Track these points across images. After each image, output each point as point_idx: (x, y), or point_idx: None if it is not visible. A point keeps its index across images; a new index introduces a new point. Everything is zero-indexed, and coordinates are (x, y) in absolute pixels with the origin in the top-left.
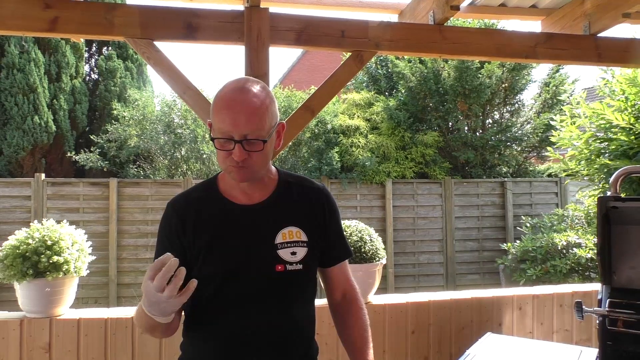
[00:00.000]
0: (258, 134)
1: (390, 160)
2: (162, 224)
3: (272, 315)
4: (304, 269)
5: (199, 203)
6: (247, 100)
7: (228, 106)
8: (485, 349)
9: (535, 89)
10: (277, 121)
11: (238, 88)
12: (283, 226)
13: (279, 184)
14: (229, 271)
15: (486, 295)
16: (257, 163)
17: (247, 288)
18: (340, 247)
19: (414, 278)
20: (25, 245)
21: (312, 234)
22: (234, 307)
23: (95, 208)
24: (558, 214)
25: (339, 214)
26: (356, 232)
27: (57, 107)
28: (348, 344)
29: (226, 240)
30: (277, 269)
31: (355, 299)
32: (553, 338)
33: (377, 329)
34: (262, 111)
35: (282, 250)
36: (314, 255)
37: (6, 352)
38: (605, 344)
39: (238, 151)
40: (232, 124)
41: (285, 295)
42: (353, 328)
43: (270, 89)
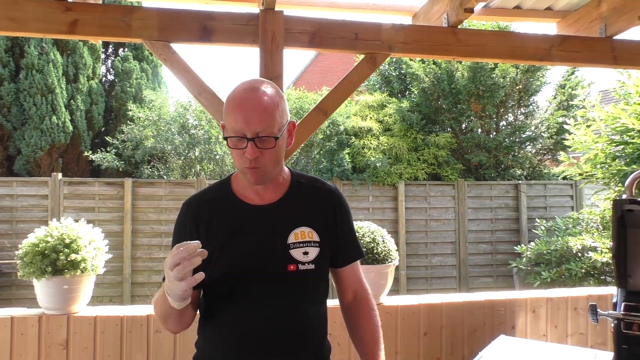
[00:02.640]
0: (270, 131)
1: (403, 161)
2: (177, 223)
3: (285, 314)
4: (315, 269)
5: (213, 203)
6: (259, 99)
7: (240, 105)
8: (498, 351)
9: (550, 91)
10: (288, 119)
11: (249, 88)
12: (295, 226)
13: (291, 185)
14: (242, 271)
15: (499, 298)
16: (270, 161)
17: (260, 287)
18: (351, 248)
19: (427, 280)
20: (45, 243)
21: (324, 235)
22: (247, 306)
23: (111, 207)
24: (573, 217)
25: (351, 215)
26: (369, 234)
27: (74, 107)
28: (359, 345)
29: (239, 240)
30: (289, 269)
31: (367, 300)
32: (567, 341)
33: (389, 330)
34: (273, 109)
35: (294, 250)
36: (325, 255)
37: (25, 348)
38: (621, 347)
39: (251, 149)
40: (244, 121)
41: (297, 294)
42: (364, 329)
43: (279, 88)
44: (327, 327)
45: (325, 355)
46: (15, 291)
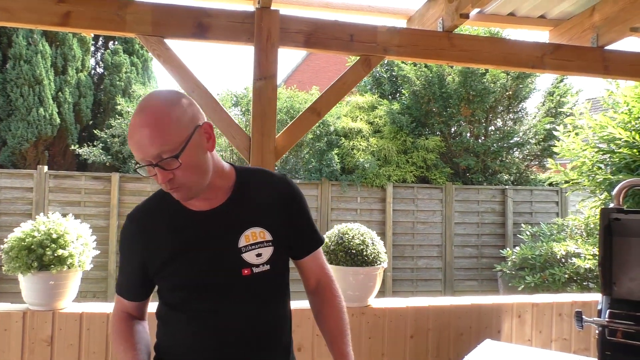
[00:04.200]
0: (171, 150)
1: (392, 163)
2: (122, 237)
3: (245, 319)
4: (271, 269)
5: (157, 214)
6: (146, 122)
7: (132, 133)
8: (484, 355)
9: (539, 98)
10: (195, 125)
11: (137, 111)
12: (245, 228)
13: (236, 184)
14: (194, 281)
15: (486, 302)
16: (187, 177)
17: (216, 295)
18: (310, 237)
19: (412, 282)
20: (31, 238)
21: (278, 231)
22: (204, 314)
23: (97, 202)
24: (558, 223)
25: (305, 202)
26: (358, 236)
27: (62, 99)
28: (325, 331)
29: (189, 249)
30: (243, 273)
31: (330, 287)
32: (551, 346)
33: (376, 332)
34: (164, 126)
35: (246, 254)
36: (281, 253)
37: (8, 344)
38: (604, 354)
39: (160, 175)
40: (139, 149)
41: (255, 298)
42: (328, 316)
43: (179, 95)
44: (291, 326)
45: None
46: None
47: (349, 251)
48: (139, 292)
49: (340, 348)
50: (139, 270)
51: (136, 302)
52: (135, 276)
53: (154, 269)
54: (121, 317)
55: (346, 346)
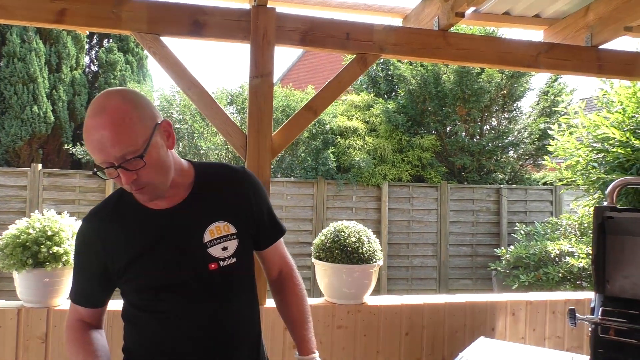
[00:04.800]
0: (133, 151)
1: (387, 162)
2: (77, 240)
3: (214, 314)
4: (238, 262)
5: (116, 215)
6: (107, 122)
7: (91, 135)
8: (478, 352)
9: (533, 97)
10: (154, 124)
11: (94, 112)
12: (209, 223)
13: (196, 180)
14: (161, 279)
15: (480, 300)
16: (151, 177)
17: (183, 292)
18: (271, 229)
19: (407, 281)
20: (26, 235)
21: (241, 223)
22: (173, 313)
23: (91, 200)
24: (552, 222)
25: (265, 193)
26: (354, 233)
27: (56, 97)
28: (286, 319)
29: (152, 249)
30: (210, 268)
31: (291, 276)
32: (545, 344)
33: (371, 329)
34: (124, 126)
35: (212, 248)
36: (246, 245)
37: (2, 341)
38: (597, 351)
39: (123, 176)
40: (101, 152)
41: (224, 292)
42: (290, 304)
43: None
44: (259, 315)
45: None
46: None
47: (345, 249)
48: (98, 298)
49: (301, 333)
50: (98, 274)
51: (94, 308)
52: (95, 281)
53: (117, 271)
54: (77, 326)
55: (308, 332)
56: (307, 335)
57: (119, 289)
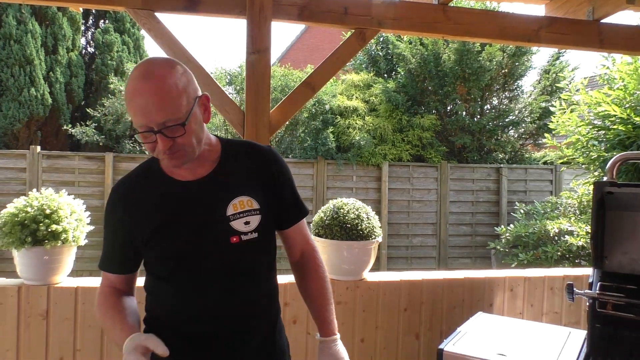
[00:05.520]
0: (175, 119)
1: (387, 142)
2: (107, 210)
3: (234, 287)
4: (259, 237)
5: (143, 186)
6: (155, 87)
7: (136, 98)
8: (476, 327)
9: (535, 76)
10: (196, 96)
11: (142, 76)
12: (233, 197)
13: (222, 155)
14: (183, 251)
15: (478, 276)
16: (187, 146)
17: (205, 264)
18: (295, 208)
19: (407, 260)
20: (24, 213)
21: (264, 200)
22: (193, 284)
23: (91, 182)
24: (552, 201)
25: (290, 174)
26: (353, 210)
27: (54, 79)
28: (308, 301)
29: (176, 220)
30: (232, 241)
31: (314, 257)
32: (542, 320)
33: (370, 305)
34: (172, 94)
35: (235, 222)
36: (268, 221)
37: (4, 318)
38: (594, 326)
39: (161, 141)
40: (144, 115)
41: (244, 265)
42: (312, 285)
43: (182, 65)
44: (278, 293)
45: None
46: None
47: (344, 225)
48: (126, 264)
49: (323, 315)
50: (126, 242)
51: (123, 274)
52: (123, 248)
53: (142, 239)
54: (107, 291)
55: (329, 313)
56: (328, 317)
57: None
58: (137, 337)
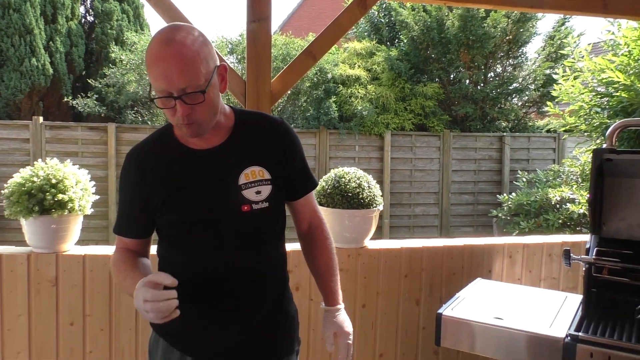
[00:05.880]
0: (195, 85)
1: (390, 111)
2: (122, 175)
3: (243, 254)
4: (270, 207)
5: (157, 152)
6: (177, 53)
7: (158, 62)
8: (475, 292)
9: (539, 42)
10: (215, 65)
11: (164, 41)
12: (245, 167)
13: (235, 125)
14: (195, 217)
15: (478, 243)
16: (204, 114)
17: (216, 231)
18: (304, 180)
19: (409, 229)
20: (31, 183)
21: (275, 171)
22: (204, 250)
23: (94, 152)
24: (554, 169)
25: (301, 146)
26: (355, 179)
27: (54, 49)
28: (314, 270)
29: (189, 187)
30: (243, 209)
31: (321, 229)
32: (540, 285)
33: (371, 272)
34: (194, 61)
35: (246, 191)
36: (278, 192)
37: (15, 284)
38: (590, 290)
39: (180, 107)
40: (166, 80)
41: (254, 234)
42: (319, 256)
43: (203, 34)
44: (286, 262)
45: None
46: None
47: (346, 194)
48: (140, 229)
49: (329, 285)
50: (141, 206)
51: (138, 239)
52: (137, 212)
53: (156, 204)
54: (121, 251)
55: (335, 284)
56: (333, 288)
57: None
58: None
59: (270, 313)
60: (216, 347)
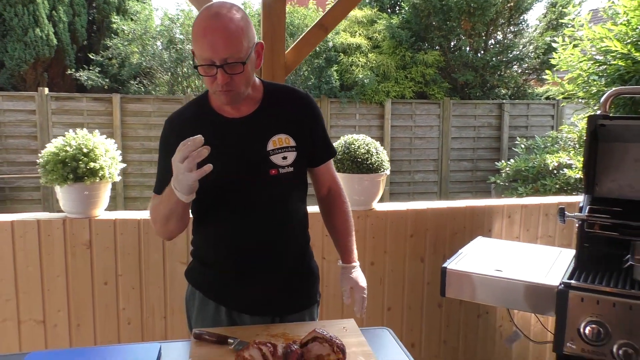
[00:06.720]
0: (237, 57)
1: (390, 79)
2: (161, 140)
3: (271, 212)
4: (294, 171)
5: (194, 119)
6: (223, 26)
7: (205, 33)
8: (476, 249)
9: (541, 9)
10: (254, 42)
11: (214, 14)
12: (273, 134)
13: (264, 96)
14: (227, 179)
15: (479, 205)
16: (241, 84)
17: (246, 193)
18: (324, 149)
19: (409, 196)
20: (64, 152)
21: (299, 139)
22: (235, 209)
23: (99, 123)
24: (552, 136)
25: (323, 119)
26: (364, 145)
27: (57, 19)
28: (332, 231)
29: (222, 151)
30: (271, 173)
31: (339, 194)
32: (537, 242)
33: (379, 232)
34: (238, 34)
35: (274, 156)
36: (302, 158)
37: (52, 247)
38: (583, 245)
39: (220, 76)
40: (211, 50)
41: (280, 196)
42: (337, 218)
43: (244, 11)
44: (308, 223)
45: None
46: (10, 206)
47: (355, 160)
48: None
49: (346, 246)
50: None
51: None
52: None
53: None
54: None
55: (351, 243)
56: (350, 247)
57: None
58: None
59: (294, 269)
60: (246, 299)
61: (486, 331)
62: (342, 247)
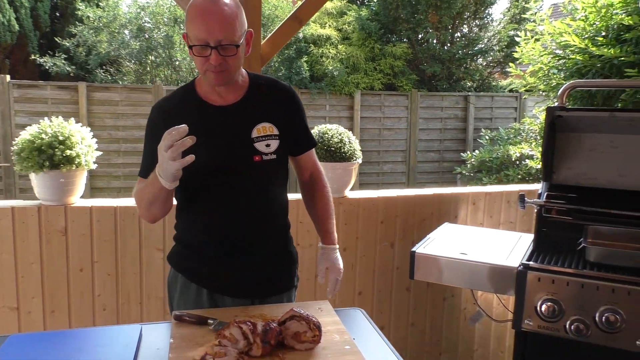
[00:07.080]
0: (231, 40)
1: (360, 71)
2: (147, 127)
3: (253, 198)
4: (277, 158)
5: (180, 106)
6: (220, 9)
7: (202, 15)
8: (443, 234)
9: (505, 3)
10: (246, 29)
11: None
12: (257, 122)
13: (250, 86)
14: (212, 164)
15: (446, 192)
16: (232, 66)
17: (230, 178)
18: (306, 138)
19: (378, 186)
20: (40, 140)
21: (282, 128)
22: (219, 194)
23: (65, 112)
24: (515, 127)
25: (304, 111)
26: (337, 135)
27: (18, 4)
28: (314, 215)
29: (208, 138)
30: (254, 159)
31: (320, 179)
32: (499, 228)
33: (351, 219)
34: (233, 18)
35: (257, 143)
36: (284, 147)
37: (27, 235)
38: (541, 229)
39: (214, 56)
40: (207, 31)
41: (262, 180)
42: (318, 202)
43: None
44: (288, 209)
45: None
46: None
47: (329, 149)
48: None
49: (326, 227)
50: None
51: None
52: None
53: None
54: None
55: (331, 226)
56: (330, 229)
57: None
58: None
59: (275, 253)
60: (227, 282)
61: (451, 313)
62: (323, 228)
